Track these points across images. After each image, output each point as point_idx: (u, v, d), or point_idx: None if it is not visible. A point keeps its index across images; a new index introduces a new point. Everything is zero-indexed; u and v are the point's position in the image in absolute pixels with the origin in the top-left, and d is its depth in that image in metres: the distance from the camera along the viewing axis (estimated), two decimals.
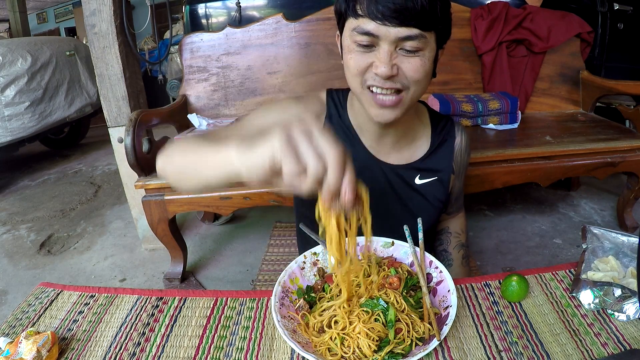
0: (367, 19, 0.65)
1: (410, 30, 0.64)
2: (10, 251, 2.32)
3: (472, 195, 1.84)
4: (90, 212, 2.74)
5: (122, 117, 1.93)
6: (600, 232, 0.77)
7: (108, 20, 1.79)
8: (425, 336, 0.59)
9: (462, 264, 0.95)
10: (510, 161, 1.69)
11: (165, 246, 1.81)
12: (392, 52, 0.66)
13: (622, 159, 1.75)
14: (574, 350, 0.58)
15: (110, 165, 3.64)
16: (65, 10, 9.42)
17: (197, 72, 2.09)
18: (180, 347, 0.63)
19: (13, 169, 3.75)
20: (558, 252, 1.96)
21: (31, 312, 0.71)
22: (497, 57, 2.11)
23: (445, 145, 0.88)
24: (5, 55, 2.98)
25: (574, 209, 2.32)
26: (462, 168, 0.92)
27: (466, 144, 0.91)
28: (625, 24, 2.47)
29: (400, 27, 0.64)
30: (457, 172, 0.91)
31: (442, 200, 0.90)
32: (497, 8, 2.08)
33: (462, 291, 0.70)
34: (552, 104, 2.20)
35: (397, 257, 0.73)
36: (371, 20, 0.64)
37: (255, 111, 0.80)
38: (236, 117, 2.05)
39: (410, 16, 0.63)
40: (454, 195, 0.95)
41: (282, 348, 0.61)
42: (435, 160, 0.87)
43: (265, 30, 2.07)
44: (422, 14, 0.63)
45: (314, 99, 0.85)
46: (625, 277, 0.68)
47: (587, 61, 2.21)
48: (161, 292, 0.74)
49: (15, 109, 3.05)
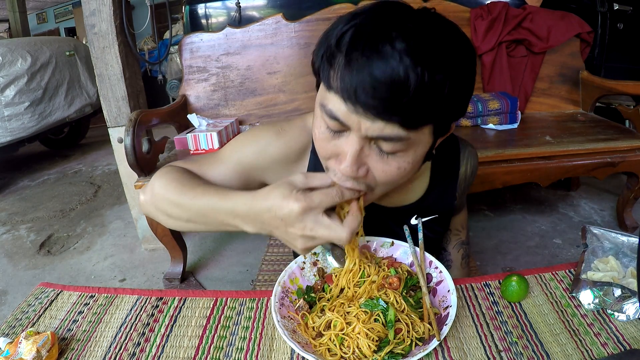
0: (338, 96, 0.49)
1: (390, 129, 0.49)
2: (10, 251, 2.32)
3: (472, 195, 1.84)
4: (90, 212, 2.74)
5: (122, 117, 1.93)
6: (600, 232, 0.77)
7: (108, 20, 1.79)
8: (425, 336, 0.59)
9: (461, 265, 0.94)
10: (510, 161, 1.69)
11: (165, 246, 1.81)
12: (365, 147, 0.52)
13: (622, 159, 1.75)
14: (574, 350, 0.58)
15: (110, 165, 3.64)
16: (65, 10, 9.42)
17: (197, 72, 2.09)
18: (180, 347, 0.62)
19: (13, 169, 3.75)
20: (558, 252, 1.96)
21: (31, 312, 0.71)
22: (496, 57, 2.12)
23: (447, 180, 0.79)
24: (5, 56, 2.98)
25: (574, 209, 2.32)
26: (465, 190, 0.84)
27: (472, 171, 0.81)
28: (625, 24, 2.47)
29: (377, 120, 0.48)
30: (460, 195, 0.83)
31: (443, 231, 0.85)
32: (497, 8, 2.08)
33: (462, 291, 0.70)
34: (552, 104, 2.20)
35: (397, 257, 0.73)
36: (342, 101, 0.49)
37: (234, 141, 0.73)
38: (235, 117, 2.06)
39: (392, 109, 0.47)
40: (457, 209, 0.88)
41: (282, 348, 0.61)
42: (434, 199, 0.78)
43: (265, 30, 2.07)
44: (412, 108, 0.47)
45: (297, 129, 0.72)
46: (625, 277, 0.68)
47: (587, 61, 2.21)
48: (161, 293, 0.74)
49: (15, 109, 3.05)
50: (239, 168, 0.71)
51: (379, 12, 0.49)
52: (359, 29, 0.47)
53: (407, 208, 0.77)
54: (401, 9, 0.50)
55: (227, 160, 0.71)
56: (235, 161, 0.71)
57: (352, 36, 0.47)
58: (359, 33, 0.47)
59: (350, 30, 0.48)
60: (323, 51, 0.51)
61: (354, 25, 0.48)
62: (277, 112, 2.13)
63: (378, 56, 0.45)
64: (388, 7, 0.50)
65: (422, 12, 0.51)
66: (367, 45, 0.46)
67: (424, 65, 0.45)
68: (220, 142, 1.81)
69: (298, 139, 0.72)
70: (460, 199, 0.85)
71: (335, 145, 0.55)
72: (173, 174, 0.65)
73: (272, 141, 0.70)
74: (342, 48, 0.48)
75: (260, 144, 0.71)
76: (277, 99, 2.12)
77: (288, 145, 0.71)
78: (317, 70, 0.53)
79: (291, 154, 0.72)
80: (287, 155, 0.72)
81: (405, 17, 0.48)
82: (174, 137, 1.94)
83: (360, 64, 0.46)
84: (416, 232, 0.74)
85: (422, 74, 0.45)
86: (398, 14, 0.48)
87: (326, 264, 0.73)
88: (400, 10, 0.49)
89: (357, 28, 0.48)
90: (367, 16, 0.49)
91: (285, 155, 0.71)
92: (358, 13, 0.50)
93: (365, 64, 0.46)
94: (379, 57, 0.45)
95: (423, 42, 0.45)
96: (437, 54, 0.46)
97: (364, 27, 0.47)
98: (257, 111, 2.13)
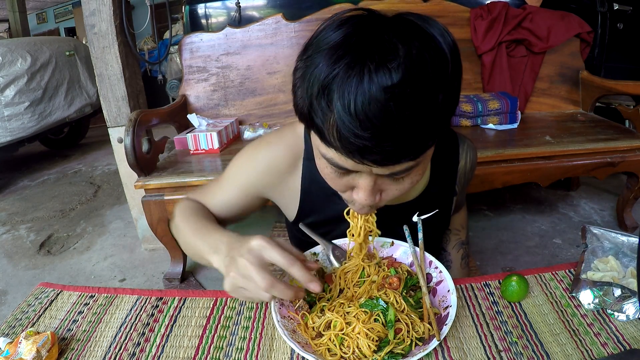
0: (339, 153, 0.48)
1: (401, 166, 0.49)
2: (10, 251, 2.32)
3: (472, 195, 1.84)
4: (90, 212, 2.74)
5: (122, 117, 1.93)
6: (600, 232, 0.77)
7: (108, 20, 1.79)
8: (425, 336, 0.59)
9: (461, 266, 0.94)
10: (510, 161, 1.69)
11: (165, 246, 1.81)
12: (378, 179, 0.53)
13: (622, 159, 1.75)
14: (574, 350, 0.58)
15: (110, 165, 3.64)
16: (65, 10, 9.42)
17: (197, 72, 2.09)
18: (180, 347, 0.62)
19: (13, 169, 3.75)
20: (558, 252, 1.96)
21: (31, 312, 0.71)
22: (496, 57, 2.12)
23: (447, 174, 0.79)
24: (5, 55, 2.99)
25: (574, 209, 2.32)
26: (465, 185, 0.84)
27: (471, 164, 0.82)
28: (625, 24, 2.47)
29: (386, 166, 0.48)
30: (460, 190, 0.83)
31: (442, 228, 0.85)
32: (497, 8, 2.08)
33: (462, 291, 0.70)
34: (552, 104, 2.20)
35: (397, 257, 0.73)
36: (346, 158, 0.48)
37: (230, 164, 0.77)
38: (235, 117, 2.06)
39: (400, 155, 0.47)
40: (457, 207, 0.88)
41: (282, 348, 0.61)
42: (434, 194, 0.78)
43: (265, 30, 2.07)
44: (418, 145, 0.47)
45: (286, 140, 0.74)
46: (625, 277, 0.68)
47: (587, 61, 2.21)
48: (161, 292, 0.74)
49: (15, 109, 3.05)
50: (237, 192, 0.77)
51: (360, 49, 0.44)
52: (343, 81, 0.43)
53: (408, 205, 0.78)
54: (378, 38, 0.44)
55: (226, 187, 0.78)
56: (233, 186, 0.77)
57: (338, 91, 0.43)
58: (345, 86, 0.43)
59: (335, 82, 0.43)
60: (309, 103, 0.47)
61: (336, 76, 0.43)
62: (277, 112, 2.13)
63: (373, 110, 0.42)
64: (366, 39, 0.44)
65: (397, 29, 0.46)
66: (357, 99, 0.42)
67: (418, 101, 0.43)
68: (220, 142, 1.81)
69: (287, 150, 0.73)
70: (460, 195, 0.85)
71: (348, 181, 0.55)
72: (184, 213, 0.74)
73: (260, 158, 0.74)
74: (331, 105, 0.44)
75: (250, 164, 0.75)
76: (277, 99, 2.12)
77: (277, 158, 0.73)
78: (305, 119, 0.49)
79: (282, 165, 0.74)
80: (278, 168, 0.74)
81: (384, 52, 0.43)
82: (174, 137, 1.94)
83: (358, 124, 0.43)
84: (416, 232, 0.74)
85: (418, 109, 0.43)
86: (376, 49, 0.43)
87: (326, 264, 0.73)
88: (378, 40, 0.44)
89: (342, 81, 0.43)
90: (347, 62, 0.43)
91: (276, 167, 0.74)
92: (334, 52, 0.44)
93: (363, 124, 0.43)
94: (375, 111, 0.42)
95: (410, 77, 0.42)
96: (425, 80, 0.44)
97: (348, 79, 0.43)
98: (257, 111, 2.13)
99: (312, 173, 0.74)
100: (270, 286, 0.53)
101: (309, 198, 0.77)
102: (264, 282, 0.53)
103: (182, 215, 0.74)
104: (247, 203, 0.79)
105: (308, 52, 0.48)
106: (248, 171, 0.75)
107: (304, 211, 0.79)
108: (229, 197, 0.78)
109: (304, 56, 0.48)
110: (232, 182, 0.78)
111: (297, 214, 0.79)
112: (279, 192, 0.78)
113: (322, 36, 0.47)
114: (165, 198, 1.61)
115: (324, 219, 0.77)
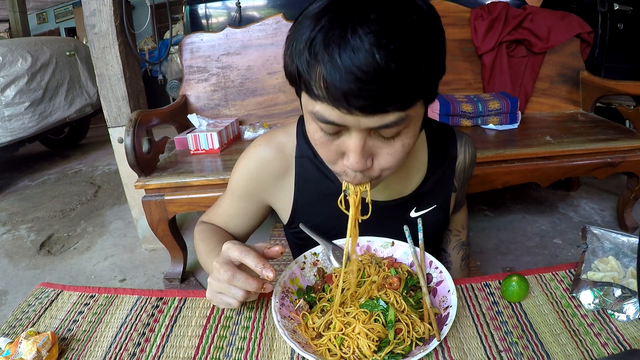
0: (327, 104, 0.49)
1: (389, 116, 0.49)
2: (10, 251, 2.32)
3: (472, 195, 1.84)
4: (90, 212, 2.74)
5: (122, 117, 1.94)
6: (600, 233, 0.77)
7: (108, 20, 1.79)
8: (425, 336, 0.59)
9: (460, 267, 0.93)
10: (510, 161, 1.69)
11: (165, 246, 1.81)
12: (367, 139, 0.53)
13: (622, 159, 1.75)
14: (574, 350, 0.58)
15: (110, 165, 3.64)
16: (65, 10, 9.43)
17: (197, 73, 2.09)
18: (180, 347, 0.63)
19: (13, 169, 3.76)
20: (558, 252, 1.96)
21: (31, 312, 0.71)
22: (497, 57, 2.12)
23: (445, 168, 0.79)
24: (5, 56, 2.99)
25: (574, 209, 2.32)
26: (465, 182, 0.84)
27: (470, 160, 0.81)
28: (625, 24, 2.47)
29: (374, 114, 0.48)
30: (459, 187, 0.83)
31: (442, 225, 0.85)
32: (497, 8, 2.08)
33: (462, 291, 0.70)
34: (552, 104, 2.20)
35: (397, 258, 0.73)
36: (333, 107, 0.49)
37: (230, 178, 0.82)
38: (236, 117, 2.06)
39: (386, 100, 0.47)
40: (456, 205, 0.87)
41: (282, 348, 0.61)
42: (433, 188, 0.78)
43: (265, 30, 2.07)
44: (404, 93, 0.48)
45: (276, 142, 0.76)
46: (625, 277, 0.68)
47: (587, 61, 2.21)
48: (161, 293, 0.74)
49: (15, 109, 3.06)
50: (239, 203, 0.82)
51: (343, 7, 0.47)
52: (327, 33, 0.46)
53: (405, 199, 0.77)
54: None
55: (229, 202, 0.83)
56: (233, 199, 0.82)
57: (323, 42, 0.46)
58: (329, 37, 0.46)
59: (320, 35, 0.46)
60: (296, 60, 0.50)
61: (321, 29, 0.47)
62: (277, 112, 2.13)
63: (357, 57, 0.44)
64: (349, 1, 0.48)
65: None
66: (342, 48, 0.45)
67: (399, 47, 0.45)
68: (220, 142, 1.81)
69: (277, 151, 0.75)
70: (460, 192, 0.85)
71: (338, 145, 0.55)
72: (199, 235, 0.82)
73: (251, 164, 0.77)
74: (317, 56, 0.47)
75: (243, 172, 0.78)
76: (278, 99, 2.12)
77: (266, 160, 0.76)
78: (294, 79, 0.53)
79: (272, 167, 0.76)
80: (268, 170, 0.76)
81: (365, 8, 0.46)
82: (174, 137, 1.94)
83: (342, 70, 0.45)
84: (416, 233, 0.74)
85: (400, 55, 0.45)
86: (358, 6, 0.47)
87: (326, 264, 0.73)
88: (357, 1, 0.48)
89: (326, 33, 0.46)
90: (331, 16, 0.47)
91: (266, 170, 0.77)
92: (319, 13, 0.48)
93: (348, 69, 0.45)
94: (359, 57, 0.44)
95: (390, 26, 0.45)
96: (405, 30, 0.46)
97: (332, 30, 0.46)
98: (257, 111, 2.13)
99: (306, 170, 0.75)
100: (232, 277, 0.58)
101: (303, 198, 0.78)
102: (226, 275, 0.58)
103: (198, 237, 0.81)
104: (252, 212, 0.82)
105: (297, 20, 0.51)
106: (244, 179, 0.79)
107: (298, 213, 0.79)
108: (234, 210, 0.83)
109: (294, 24, 0.52)
110: (233, 194, 0.81)
111: (291, 216, 0.80)
112: (274, 195, 0.80)
113: (310, 7, 0.50)
114: (166, 198, 1.61)
115: (318, 224, 0.77)
